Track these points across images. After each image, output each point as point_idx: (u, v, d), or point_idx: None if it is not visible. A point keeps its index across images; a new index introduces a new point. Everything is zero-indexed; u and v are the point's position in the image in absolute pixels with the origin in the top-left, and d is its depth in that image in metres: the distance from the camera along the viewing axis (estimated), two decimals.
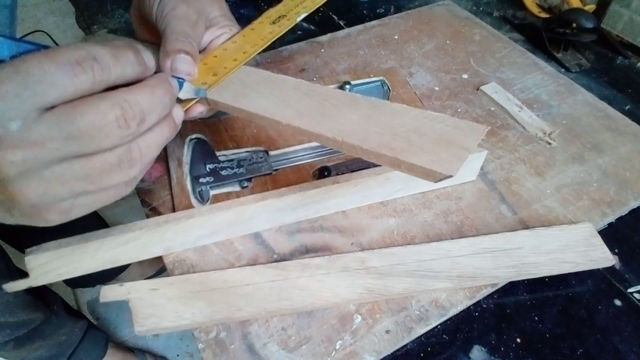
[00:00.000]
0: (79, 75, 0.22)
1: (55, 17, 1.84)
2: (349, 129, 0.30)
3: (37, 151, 0.22)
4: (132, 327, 0.37)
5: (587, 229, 0.44)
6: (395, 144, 0.28)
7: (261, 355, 0.37)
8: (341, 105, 0.32)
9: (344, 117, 0.31)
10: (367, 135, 0.29)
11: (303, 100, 0.32)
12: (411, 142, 0.28)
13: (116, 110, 0.23)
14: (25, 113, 0.21)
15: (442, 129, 0.29)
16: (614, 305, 0.43)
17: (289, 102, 0.32)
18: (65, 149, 0.22)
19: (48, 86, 0.21)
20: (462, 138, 0.28)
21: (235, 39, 0.37)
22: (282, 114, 0.31)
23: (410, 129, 0.29)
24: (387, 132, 0.29)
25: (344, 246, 0.44)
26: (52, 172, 0.23)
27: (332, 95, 0.32)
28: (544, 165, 0.51)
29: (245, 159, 0.49)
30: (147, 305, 0.39)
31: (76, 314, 0.85)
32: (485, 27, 0.70)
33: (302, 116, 0.31)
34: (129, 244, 0.39)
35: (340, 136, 0.29)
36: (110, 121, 0.23)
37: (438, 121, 0.29)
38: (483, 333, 0.41)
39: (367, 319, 0.39)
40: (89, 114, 0.22)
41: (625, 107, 0.61)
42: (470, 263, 0.41)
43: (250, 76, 0.35)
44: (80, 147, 0.23)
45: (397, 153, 0.28)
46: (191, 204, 0.45)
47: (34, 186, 0.23)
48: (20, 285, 0.38)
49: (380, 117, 0.30)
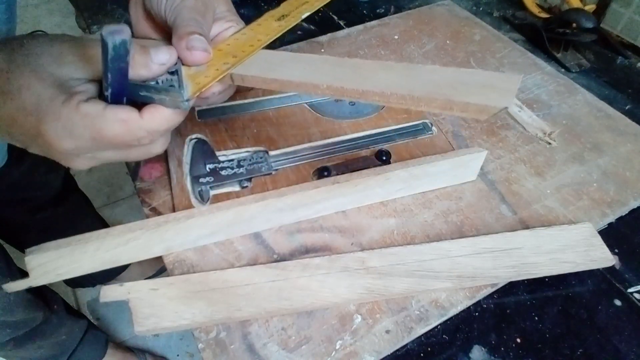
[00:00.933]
0: (141, 141, 0.31)
1: (55, 17, 1.84)
2: (393, 84, 0.30)
3: (97, 162, 0.32)
4: (132, 327, 0.37)
5: (587, 229, 0.44)
6: (442, 91, 0.29)
7: (261, 355, 0.37)
8: (376, 69, 0.32)
9: (383, 78, 0.31)
10: (413, 88, 0.30)
11: (336, 70, 0.32)
12: (456, 89, 0.29)
13: (159, 149, 0.34)
14: (95, 152, 0.32)
15: (481, 79, 0.30)
16: (614, 305, 0.43)
17: (321, 71, 0.32)
18: (115, 157, 0.32)
19: (117, 146, 0.31)
20: (502, 84, 0.29)
21: (244, 32, 0.37)
22: (318, 79, 0.31)
23: (452, 81, 0.30)
24: (430, 84, 0.30)
25: (344, 246, 0.44)
26: (98, 157, 0.32)
27: (363, 63, 0.32)
28: (544, 165, 0.51)
29: (245, 159, 0.49)
30: (147, 305, 0.39)
31: (76, 314, 0.85)
32: (485, 27, 0.70)
33: (340, 80, 0.31)
34: (129, 244, 0.39)
35: (388, 89, 0.30)
36: (152, 153, 0.33)
37: (475, 74, 0.30)
38: (483, 333, 0.41)
39: (367, 319, 0.39)
40: (141, 154, 0.33)
41: (625, 107, 0.61)
42: (470, 263, 0.41)
43: (273, 57, 0.35)
44: (126, 155, 0.33)
45: (449, 96, 0.28)
46: (191, 204, 0.45)
47: (82, 161, 0.31)
48: (20, 285, 0.38)
49: (419, 75, 0.31)
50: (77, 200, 0.91)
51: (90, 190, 1.24)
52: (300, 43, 0.68)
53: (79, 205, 0.92)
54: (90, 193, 1.03)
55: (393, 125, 0.54)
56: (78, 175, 1.39)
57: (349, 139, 0.52)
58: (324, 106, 0.56)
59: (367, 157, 0.50)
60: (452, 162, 0.46)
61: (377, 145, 0.52)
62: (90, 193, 0.99)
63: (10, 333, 0.64)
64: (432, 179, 0.47)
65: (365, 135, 0.53)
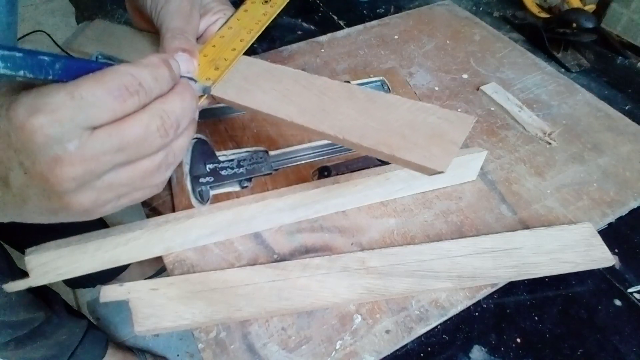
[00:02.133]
0: (127, 100, 0.24)
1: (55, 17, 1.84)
2: (348, 125, 0.31)
3: (93, 165, 0.24)
4: (132, 327, 0.37)
5: (587, 229, 0.44)
6: (391, 141, 0.30)
7: (261, 355, 0.37)
8: (339, 98, 0.32)
9: (343, 113, 0.32)
10: (365, 132, 0.30)
11: (303, 94, 0.33)
12: (405, 138, 0.30)
13: (157, 121, 0.26)
14: (80, 133, 0.23)
15: (433, 122, 0.30)
16: (614, 305, 0.43)
17: (290, 96, 0.33)
18: (115, 160, 0.25)
19: (100, 110, 0.24)
20: (452, 131, 0.30)
21: (230, 24, 0.37)
22: (284, 110, 0.32)
23: (404, 123, 0.30)
24: (383, 127, 0.30)
25: (344, 246, 0.44)
26: (103, 181, 0.25)
27: (330, 87, 0.33)
28: (544, 165, 0.51)
29: (245, 159, 0.49)
30: (147, 305, 0.39)
31: (77, 314, 0.85)
32: (485, 27, 0.70)
33: (304, 113, 0.32)
34: (129, 244, 0.39)
35: (341, 134, 0.31)
36: (153, 131, 0.25)
37: (429, 113, 0.31)
38: (483, 333, 0.41)
39: (367, 319, 0.39)
40: (135, 127, 0.25)
41: (625, 107, 0.61)
42: (470, 263, 0.41)
43: (250, 68, 0.35)
44: (127, 156, 0.25)
45: (394, 150, 0.29)
46: (191, 204, 0.45)
47: (88, 195, 0.25)
48: (20, 285, 0.38)
49: (376, 111, 0.31)
50: None
51: None
52: (300, 43, 0.68)
53: None
54: None
55: None
56: None
57: None
58: None
59: (367, 157, 0.50)
60: (452, 162, 0.46)
61: None
62: None
63: (12, 333, 0.64)
64: (432, 179, 0.47)
65: None
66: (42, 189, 0.24)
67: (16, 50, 0.22)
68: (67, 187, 0.24)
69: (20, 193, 0.25)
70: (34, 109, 0.22)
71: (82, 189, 0.25)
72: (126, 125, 0.25)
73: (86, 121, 0.23)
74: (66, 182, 0.24)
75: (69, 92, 0.23)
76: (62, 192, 0.24)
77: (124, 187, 0.27)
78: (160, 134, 0.26)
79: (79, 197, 0.25)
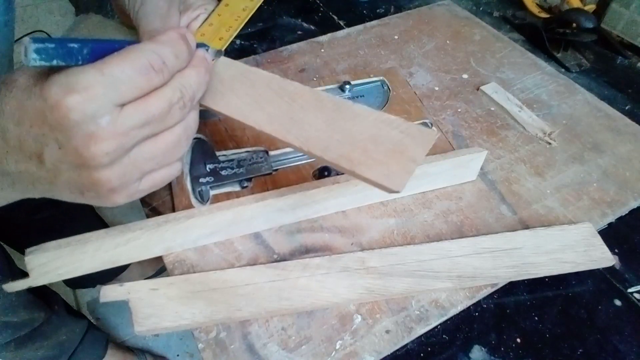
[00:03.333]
0: (153, 78, 0.26)
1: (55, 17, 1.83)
2: (314, 137, 0.31)
3: (124, 140, 0.25)
4: (132, 327, 0.37)
5: (587, 229, 0.44)
6: (353, 155, 0.30)
7: (261, 355, 0.37)
8: (308, 106, 0.33)
9: (310, 123, 0.32)
10: (329, 145, 0.31)
11: (274, 102, 0.33)
12: (366, 153, 0.30)
13: (177, 94, 0.27)
14: (111, 109, 0.24)
15: (396, 137, 0.30)
16: (614, 305, 0.43)
17: (261, 103, 0.33)
18: (141, 134, 0.26)
19: (129, 87, 0.25)
20: (413, 148, 0.30)
21: (211, 21, 0.38)
22: (255, 118, 0.33)
23: (368, 136, 0.31)
24: (346, 140, 0.31)
25: (344, 246, 0.44)
26: (129, 157, 0.26)
27: (300, 94, 0.33)
28: (544, 165, 0.51)
29: (245, 159, 0.49)
30: (147, 305, 0.39)
31: (77, 314, 0.84)
32: (485, 27, 0.70)
33: (272, 122, 0.33)
34: (129, 244, 0.39)
35: (305, 146, 0.31)
36: (174, 104, 0.27)
37: (393, 126, 0.31)
38: (483, 333, 0.41)
39: (367, 319, 0.39)
40: (160, 101, 0.26)
41: (625, 107, 0.61)
42: (470, 263, 0.41)
43: (227, 70, 0.36)
44: (152, 129, 0.27)
45: (354, 166, 0.30)
46: (191, 204, 0.45)
47: (117, 171, 0.26)
48: (20, 285, 0.38)
49: (342, 122, 0.32)
50: None
51: None
52: (300, 43, 0.68)
53: (79, 206, 0.91)
54: None
55: None
56: None
57: None
58: None
59: None
60: (452, 162, 0.46)
61: None
62: None
63: (12, 334, 0.64)
64: (432, 179, 0.47)
65: None
66: (75, 164, 0.25)
67: (48, 42, 0.23)
68: (100, 162, 0.25)
69: (53, 168, 0.26)
70: (68, 88, 0.23)
71: (112, 165, 0.26)
72: (152, 100, 0.26)
73: (117, 98, 0.24)
74: (99, 157, 0.25)
75: (98, 69, 0.24)
76: (93, 167, 0.25)
77: (148, 163, 0.28)
78: (180, 106, 0.27)
79: (108, 173, 0.26)
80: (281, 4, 0.81)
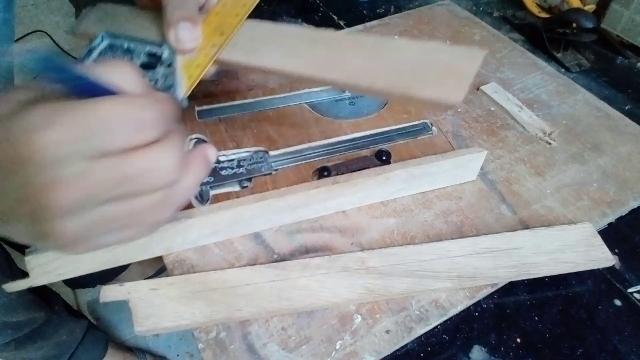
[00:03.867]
0: (146, 132, 0.22)
1: (55, 17, 1.83)
2: (359, 72, 0.31)
3: (94, 192, 0.21)
4: (132, 327, 0.37)
5: (587, 229, 0.44)
6: (402, 81, 0.30)
7: (261, 355, 0.37)
8: (346, 48, 0.33)
9: (351, 62, 0.32)
10: (376, 76, 0.31)
11: (309, 49, 0.33)
12: (417, 77, 0.30)
13: (171, 158, 0.23)
14: (90, 156, 0.21)
15: (443, 59, 0.30)
16: (614, 305, 0.43)
17: (296, 52, 0.33)
18: (115, 191, 0.22)
19: (117, 137, 0.21)
20: (463, 66, 0.30)
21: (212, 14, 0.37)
22: (292, 65, 0.33)
23: (414, 63, 0.31)
24: (393, 70, 0.31)
25: (344, 246, 0.44)
26: (97, 212, 0.22)
27: (336, 39, 0.34)
28: (544, 165, 0.51)
29: (245, 159, 0.49)
30: (147, 305, 0.39)
31: (77, 314, 0.85)
32: (485, 27, 0.70)
33: (311, 66, 0.32)
34: (129, 244, 0.39)
35: (351, 80, 0.31)
36: (164, 166, 0.23)
37: (439, 51, 0.31)
38: (483, 333, 0.41)
39: (367, 319, 0.39)
40: (148, 160, 0.22)
41: (625, 107, 0.61)
42: (470, 263, 0.41)
43: (255, 30, 0.36)
44: (129, 189, 0.22)
45: (406, 89, 0.30)
46: (191, 204, 0.45)
47: (76, 225, 0.22)
48: (20, 285, 0.38)
49: (385, 55, 0.32)
50: None
51: None
52: None
53: None
54: None
55: (393, 125, 0.54)
56: None
57: (349, 139, 0.52)
58: (324, 106, 0.56)
59: (367, 157, 0.50)
60: (452, 162, 0.46)
61: (377, 145, 0.52)
62: None
63: (12, 334, 0.64)
64: (432, 179, 0.47)
65: (365, 135, 0.53)
66: (30, 210, 0.21)
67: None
68: (58, 212, 0.21)
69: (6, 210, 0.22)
70: (48, 122, 0.20)
71: (72, 216, 0.22)
72: (139, 154, 0.22)
73: (100, 145, 0.21)
74: (59, 206, 0.21)
75: (88, 109, 0.21)
76: (51, 217, 0.21)
77: (116, 222, 0.24)
78: (167, 171, 0.23)
79: (66, 225, 0.22)
80: (281, 4, 0.81)
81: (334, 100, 0.57)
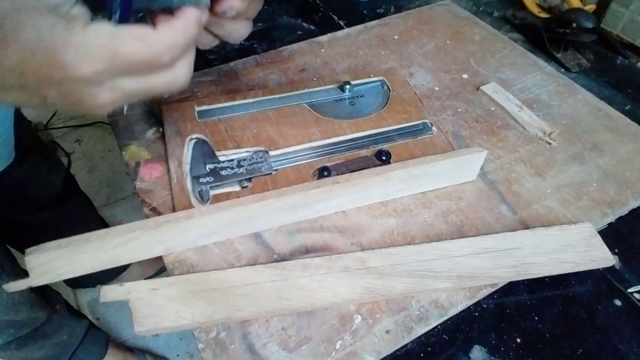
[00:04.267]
0: (166, 56, 0.28)
1: None
2: None
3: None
4: (132, 327, 0.37)
5: (587, 229, 0.44)
6: None
7: (261, 355, 0.37)
8: None
9: None
10: None
11: None
12: None
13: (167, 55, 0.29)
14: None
15: None
16: (614, 305, 0.43)
17: None
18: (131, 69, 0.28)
19: (132, 64, 0.27)
20: None
21: None
22: None
23: None
24: None
25: (344, 246, 0.44)
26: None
27: None
28: (544, 165, 0.51)
29: (245, 159, 0.49)
30: (147, 305, 0.39)
31: (78, 314, 0.85)
32: (485, 27, 0.70)
33: None
34: (129, 244, 0.39)
35: None
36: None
37: None
38: (483, 333, 0.41)
39: (367, 319, 0.39)
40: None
41: (625, 107, 0.61)
42: (470, 263, 0.41)
43: None
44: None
45: None
46: (191, 204, 0.45)
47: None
48: (20, 285, 0.38)
49: None
50: (78, 201, 0.91)
51: (90, 190, 1.24)
52: (300, 43, 0.68)
53: (79, 206, 0.92)
54: (90, 193, 1.03)
55: (393, 125, 0.54)
56: (78, 174, 1.39)
57: (349, 139, 0.52)
58: (324, 106, 0.56)
59: (367, 157, 0.50)
60: (452, 162, 0.46)
61: (377, 145, 0.52)
62: (90, 193, 1.00)
63: (14, 333, 0.65)
64: (432, 179, 0.47)
65: (365, 135, 0.53)
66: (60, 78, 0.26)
67: None
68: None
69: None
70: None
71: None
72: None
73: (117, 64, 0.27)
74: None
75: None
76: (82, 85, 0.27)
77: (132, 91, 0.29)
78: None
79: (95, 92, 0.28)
80: (281, 4, 0.81)
81: (334, 100, 0.57)
